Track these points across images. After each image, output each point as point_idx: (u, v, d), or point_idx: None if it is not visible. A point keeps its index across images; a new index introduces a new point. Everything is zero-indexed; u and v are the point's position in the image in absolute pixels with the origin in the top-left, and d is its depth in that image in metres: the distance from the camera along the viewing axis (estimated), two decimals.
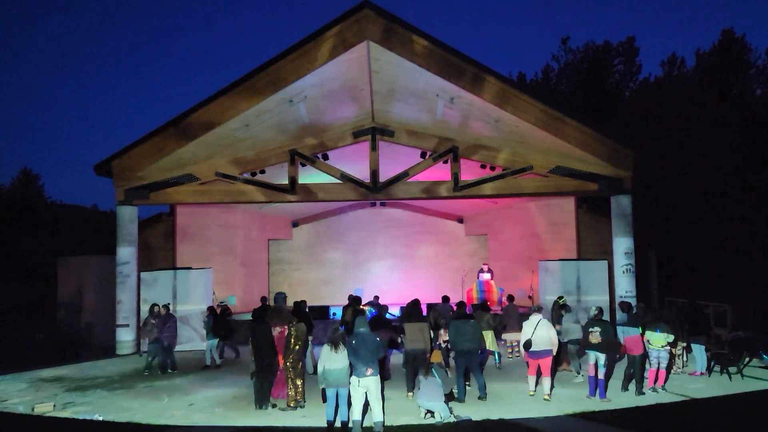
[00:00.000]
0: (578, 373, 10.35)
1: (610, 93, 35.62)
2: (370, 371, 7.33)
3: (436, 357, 8.36)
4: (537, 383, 9.11)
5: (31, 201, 46.86)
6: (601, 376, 8.83)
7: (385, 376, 9.51)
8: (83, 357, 13.37)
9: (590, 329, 8.93)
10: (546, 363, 8.89)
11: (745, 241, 25.88)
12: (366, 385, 7.34)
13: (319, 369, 7.61)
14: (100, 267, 15.95)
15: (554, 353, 8.99)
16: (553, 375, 9.24)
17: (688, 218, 26.75)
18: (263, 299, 13.52)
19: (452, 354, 9.25)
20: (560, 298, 12.35)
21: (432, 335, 9.85)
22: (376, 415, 7.35)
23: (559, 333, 9.76)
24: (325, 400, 7.78)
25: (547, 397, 8.82)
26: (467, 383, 9.37)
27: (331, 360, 7.51)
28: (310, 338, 11.14)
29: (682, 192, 27.41)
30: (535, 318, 9.11)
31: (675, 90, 33.30)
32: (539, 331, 8.92)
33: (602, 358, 8.80)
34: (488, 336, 11.11)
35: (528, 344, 8.98)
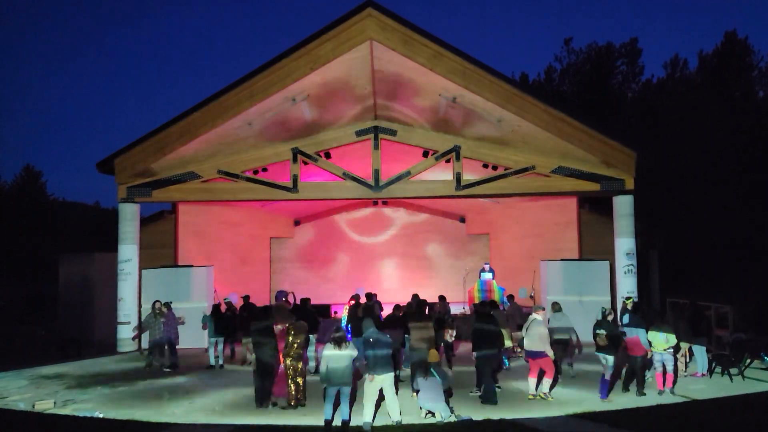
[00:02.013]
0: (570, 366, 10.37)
1: (613, 94, 35.59)
2: (374, 376, 7.43)
3: (434, 357, 8.33)
4: (537, 386, 8.99)
5: (34, 198, 46.92)
6: (607, 377, 8.81)
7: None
8: (84, 354, 13.37)
9: (597, 331, 8.92)
10: (543, 363, 8.81)
11: (748, 243, 25.85)
12: (381, 382, 7.42)
13: (322, 368, 7.61)
14: (102, 264, 15.95)
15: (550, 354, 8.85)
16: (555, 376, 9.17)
17: (690, 219, 26.72)
18: (245, 298, 13.51)
19: (474, 354, 9.13)
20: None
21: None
22: (394, 414, 7.49)
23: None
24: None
25: (550, 398, 8.78)
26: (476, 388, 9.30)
27: (334, 359, 7.51)
28: (314, 337, 11.13)
29: (684, 193, 27.38)
30: (531, 317, 9.10)
31: (677, 91, 33.26)
32: (531, 331, 8.90)
33: (610, 359, 8.79)
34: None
35: (520, 343, 8.99)
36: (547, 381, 8.87)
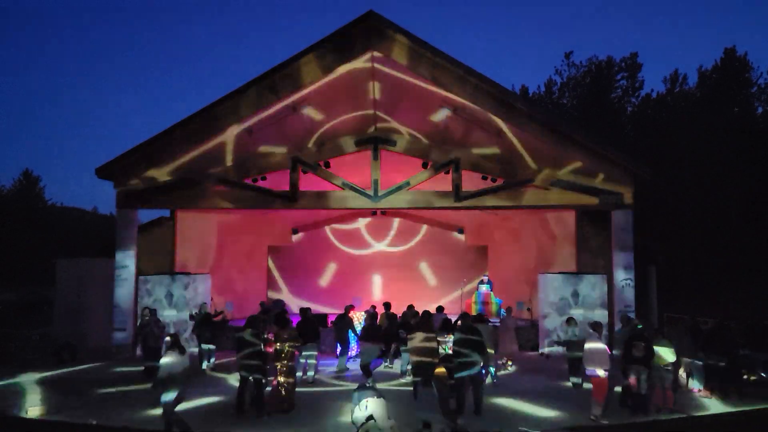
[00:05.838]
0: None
1: (612, 108, 35.73)
2: None
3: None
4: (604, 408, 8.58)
5: (32, 203, 46.88)
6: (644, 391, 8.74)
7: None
8: (79, 359, 13.32)
9: (634, 342, 8.91)
10: (593, 383, 8.64)
11: (747, 258, 25.86)
12: None
13: (163, 374, 7.39)
14: (99, 270, 15.90)
15: (601, 375, 8.52)
16: (607, 400, 8.65)
17: (689, 234, 26.76)
18: (262, 304, 13.49)
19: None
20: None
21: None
22: None
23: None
24: (169, 409, 7.47)
25: (603, 421, 8.42)
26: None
27: (179, 364, 7.49)
28: (315, 346, 11.10)
29: (683, 207, 27.44)
30: (590, 335, 9.00)
31: (677, 106, 33.44)
32: (587, 349, 8.81)
33: (644, 373, 8.72)
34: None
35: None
36: (593, 401, 8.61)
